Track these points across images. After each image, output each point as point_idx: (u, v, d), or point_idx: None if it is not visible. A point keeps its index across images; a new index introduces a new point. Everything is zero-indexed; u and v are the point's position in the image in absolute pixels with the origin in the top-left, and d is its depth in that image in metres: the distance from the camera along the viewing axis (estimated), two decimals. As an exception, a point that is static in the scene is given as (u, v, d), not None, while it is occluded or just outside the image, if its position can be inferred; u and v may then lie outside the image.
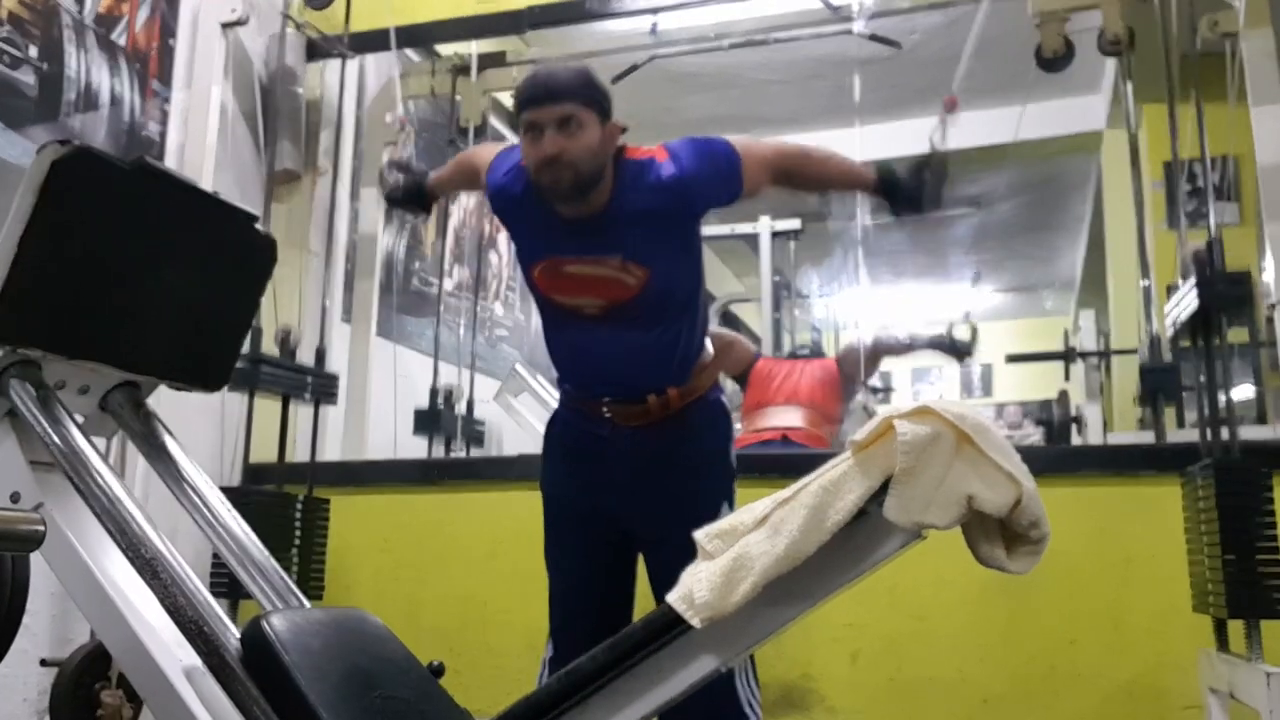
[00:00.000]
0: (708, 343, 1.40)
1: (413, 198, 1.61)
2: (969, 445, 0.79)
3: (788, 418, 2.57)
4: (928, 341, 2.82)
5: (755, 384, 2.69)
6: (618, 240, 1.26)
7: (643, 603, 1.36)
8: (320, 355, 2.21)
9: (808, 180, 1.43)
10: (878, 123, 3.40)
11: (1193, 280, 1.50)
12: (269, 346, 2.04)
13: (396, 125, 2.32)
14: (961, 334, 2.72)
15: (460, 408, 2.83)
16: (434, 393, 2.69)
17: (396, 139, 2.11)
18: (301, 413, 2.28)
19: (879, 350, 2.83)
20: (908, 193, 1.43)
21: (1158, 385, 1.98)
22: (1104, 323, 3.69)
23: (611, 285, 1.28)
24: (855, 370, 2.73)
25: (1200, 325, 1.53)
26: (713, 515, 1.14)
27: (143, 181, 1.04)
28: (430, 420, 2.67)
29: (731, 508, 1.33)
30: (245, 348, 2.05)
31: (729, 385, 2.82)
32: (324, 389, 2.13)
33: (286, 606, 1.02)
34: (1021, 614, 1.75)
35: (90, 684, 1.62)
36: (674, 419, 1.32)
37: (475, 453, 2.98)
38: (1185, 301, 1.54)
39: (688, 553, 0.86)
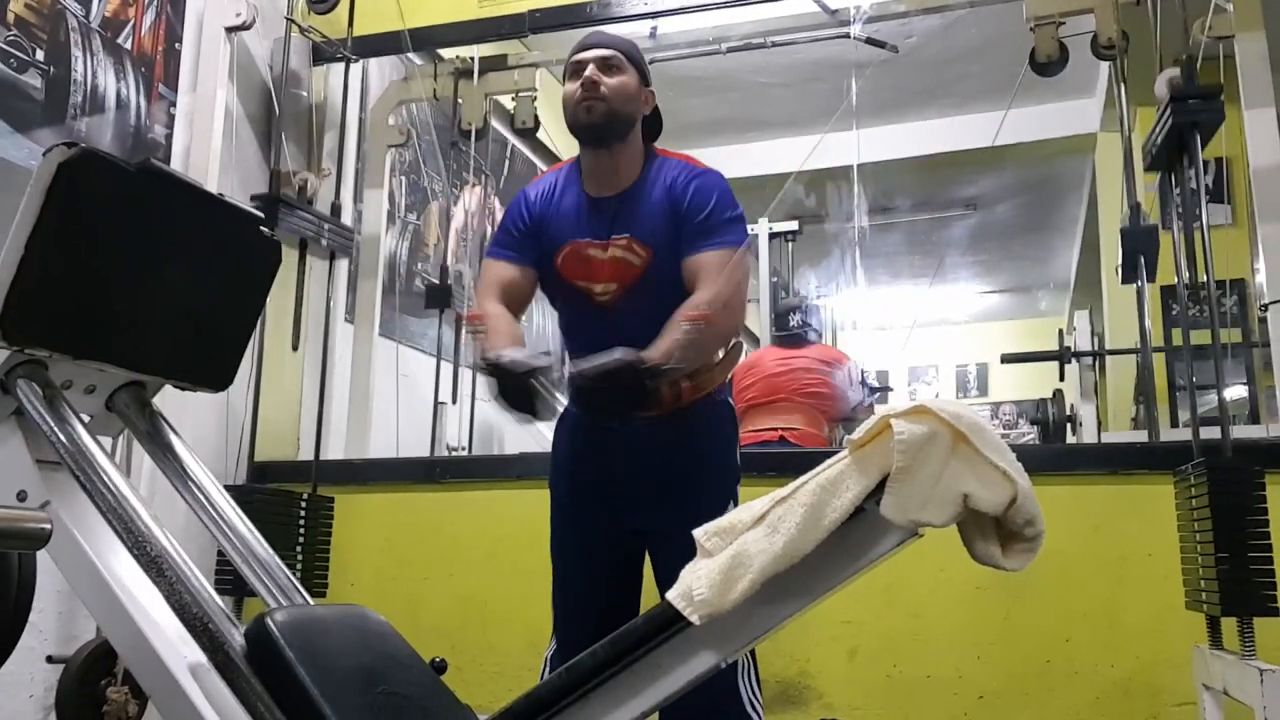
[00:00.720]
0: None
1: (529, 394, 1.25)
2: (965, 444, 0.80)
3: (785, 419, 2.56)
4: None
5: (748, 379, 2.64)
6: (631, 220, 1.34)
7: (649, 601, 1.37)
8: (336, 209, 2.26)
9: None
10: (875, 126, 3.42)
11: (1167, 99, 1.51)
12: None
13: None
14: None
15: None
16: (443, 270, 2.75)
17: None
18: (306, 410, 2.29)
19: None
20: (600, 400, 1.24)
21: (1138, 247, 1.95)
22: (1098, 323, 3.70)
23: (620, 266, 1.33)
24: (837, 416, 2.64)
25: (1175, 150, 1.54)
26: (720, 512, 1.15)
27: (148, 183, 1.05)
28: (441, 295, 2.68)
29: (736, 506, 1.34)
30: (263, 187, 2.11)
31: None
32: (340, 238, 2.19)
33: (291, 604, 1.03)
34: (1017, 611, 1.76)
35: (96, 681, 1.63)
36: (684, 416, 1.33)
37: (477, 444, 2.98)
38: (1160, 127, 1.54)
39: (693, 550, 0.88)
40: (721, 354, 1.39)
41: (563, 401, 1.38)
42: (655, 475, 1.33)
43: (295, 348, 2.26)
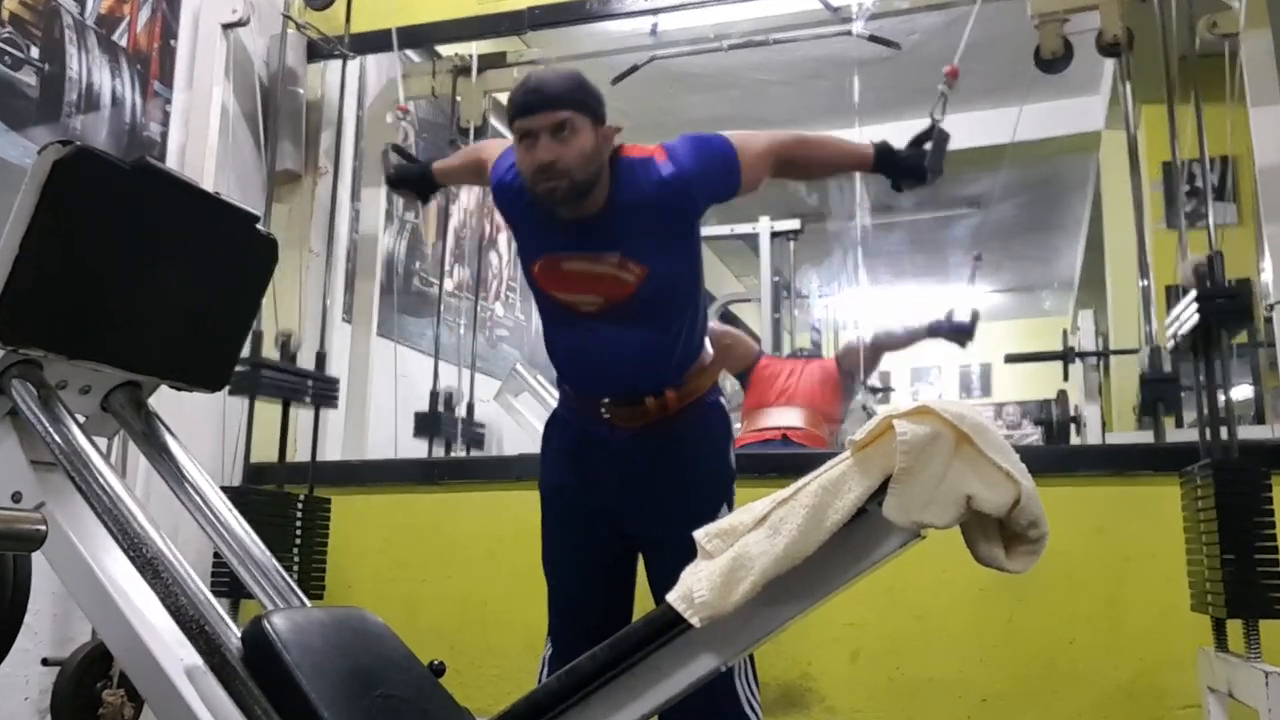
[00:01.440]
0: (707, 344, 1.40)
1: (415, 181, 1.63)
2: (968, 445, 0.79)
3: (787, 417, 2.57)
4: (927, 329, 2.78)
5: (757, 383, 2.69)
6: (616, 238, 1.27)
7: (642, 603, 1.37)
8: (320, 359, 2.21)
9: (807, 166, 1.45)
10: (877, 123, 3.41)
11: (1193, 295, 1.50)
12: (269, 351, 2.05)
13: (398, 114, 2.32)
14: (960, 317, 2.66)
15: (460, 410, 2.83)
16: (434, 396, 2.69)
17: (400, 127, 2.09)
18: (302, 413, 2.28)
19: (879, 346, 2.81)
20: (907, 164, 1.45)
21: (1158, 396, 1.98)
22: (1103, 323, 3.69)
23: (609, 282, 1.28)
24: (855, 367, 2.72)
25: (1200, 339, 1.53)
26: (711, 516, 1.14)
27: (144, 182, 1.04)
28: (430, 423, 2.67)
29: (731, 509, 1.33)
30: (246, 351, 2.08)
31: (729, 384, 2.82)
32: (324, 393, 2.13)
33: (287, 606, 1.02)
34: (1020, 613, 1.75)
35: (92, 683, 1.62)
36: (672, 421, 1.32)
37: (475, 454, 2.98)
38: (1186, 315, 1.54)
39: (687, 553, 0.87)
40: (711, 358, 1.38)
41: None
42: (646, 480, 1.32)
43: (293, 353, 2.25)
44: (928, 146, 1.46)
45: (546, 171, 1.22)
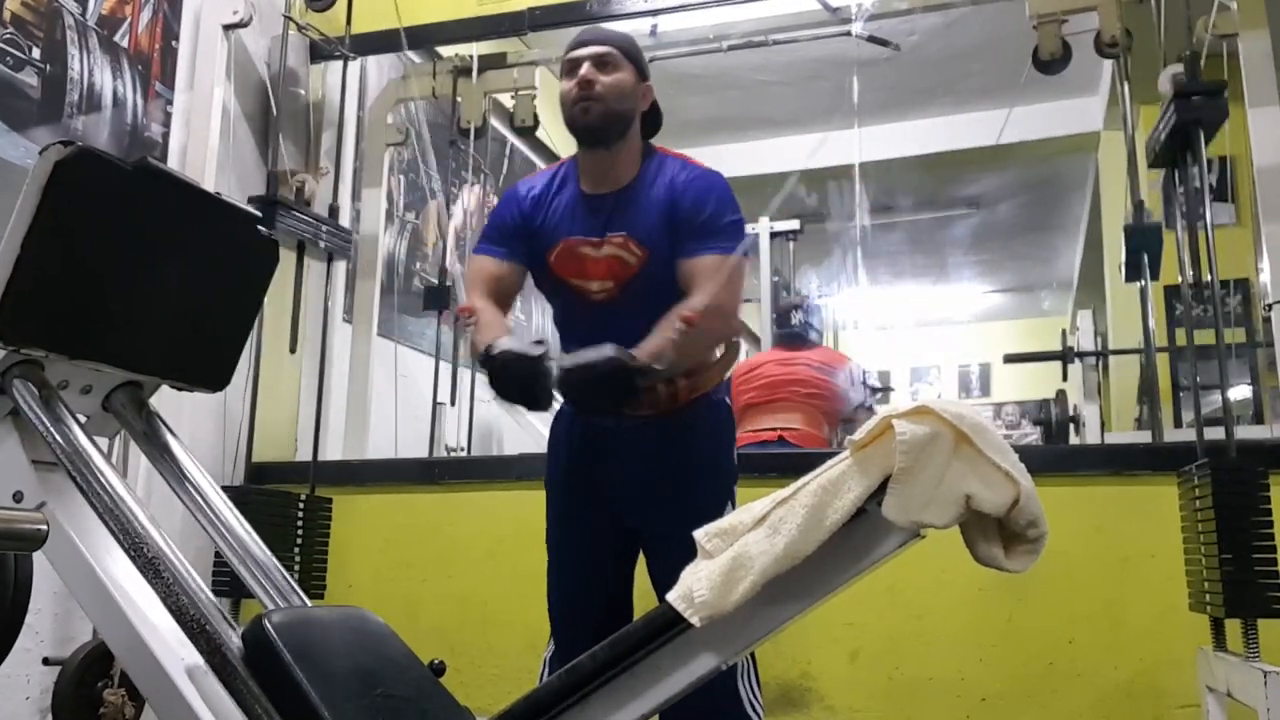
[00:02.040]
0: None
1: (534, 384, 1.21)
2: (967, 445, 0.79)
3: (785, 420, 2.55)
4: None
5: (742, 382, 2.62)
6: (627, 218, 1.32)
7: (643, 601, 1.37)
8: (334, 211, 2.26)
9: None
10: (877, 124, 3.41)
11: (1171, 96, 1.50)
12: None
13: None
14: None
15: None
16: (442, 270, 2.77)
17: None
18: (304, 411, 2.29)
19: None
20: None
21: (1143, 245, 1.94)
22: (1101, 323, 3.69)
23: (615, 265, 1.32)
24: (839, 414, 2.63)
25: (1179, 147, 1.53)
26: (716, 513, 1.14)
27: (145, 182, 1.05)
28: (440, 296, 2.69)
29: (734, 508, 1.33)
30: (260, 187, 2.12)
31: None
32: (338, 240, 2.19)
33: (288, 605, 1.02)
34: (1020, 613, 1.75)
35: (93, 683, 1.63)
36: (679, 416, 1.33)
37: (476, 445, 2.98)
38: (1164, 123, 1.54)
39: (689, 551, 0.87)
40: (719, 354, 1.39)
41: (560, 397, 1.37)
42: (651, 475, 1.33)
43: (293, 350, 2.26)
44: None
45: (585, 89, 1.30)
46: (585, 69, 1.31)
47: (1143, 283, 1.93)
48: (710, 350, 1.34)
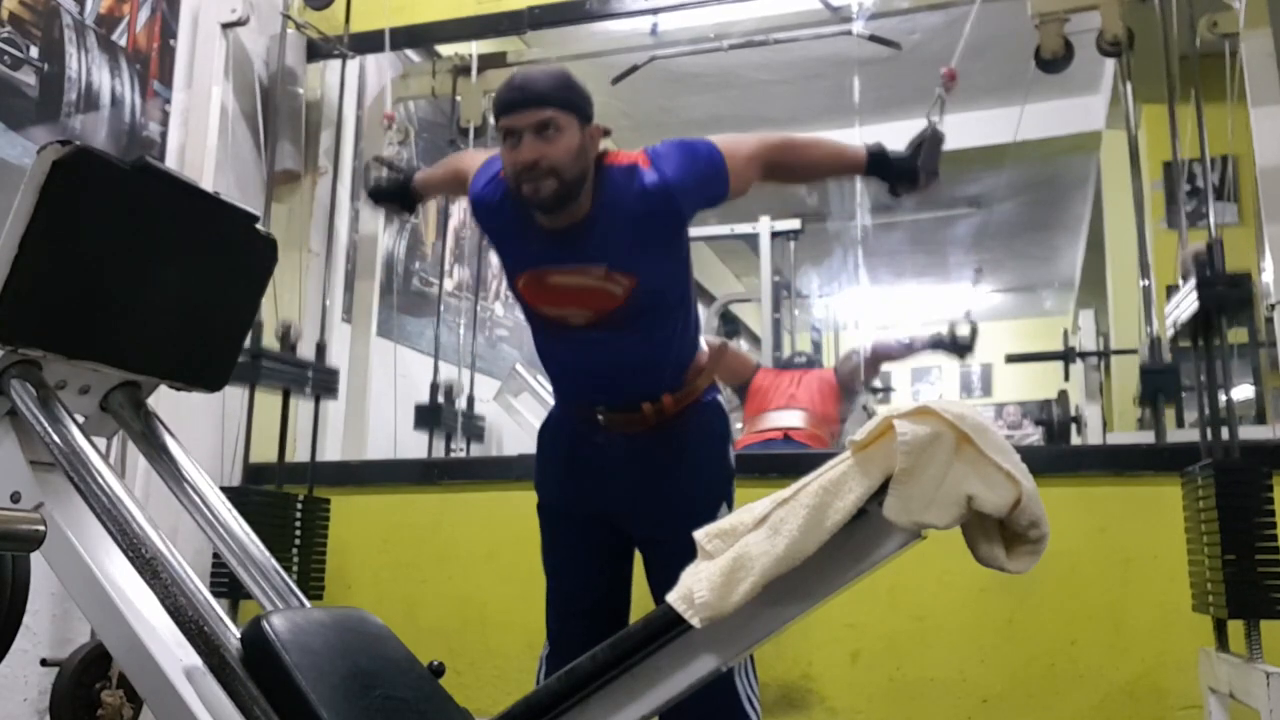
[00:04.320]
0: (702, 342, 1.39)
1: (397, 195, 1.59)
2: (969, 445, 0.79)
3: (789, 419, 2.58)
4: (927, 341, 2.82)
5: (756, 393, 2.71)
6: (601, 249, 1.23)
7: (640, 603, 1.36)
8: (320, 350, 2.21)
9: (796, 170, 1.39)
10: (877, 123, 3.40)
11: (1193, 282, 1.50)
12: (270, 342, 2.05)
13: (385, 123, 2.32)
14: (962, 331, 2.72)
15: (461, 403, 2.83)
16: (434, 388, 2.69)
17: (386, 137, 2.11)
18: (302, 412, 2.28)
19: (878, 355, 2.83)
20: (901, 167, 1.41)
21: (1158, 386, 1.98)
22: (1103, 323, 3.69)
23: (597, 295, 1.25)
24: (852, 378, 2.74)
25: (1200, 327, 1.53)
26: (711, 516, 1.13)
27: (143, 182, 1.04)
28: (430, 416, 2.66)
29: (730, 508, 1.33)
30: (246, 342, 2.08)
31: (729, 396, 2.83)
32: (324, 383, 2.14)
33: (287, 606, 1.02)
34: (1021, 614, 1.75)
35: (91, 684, 1.62)
36: (670, 423, 1.31)
37: (475, 449, 2.98)
38: (1185, 303, 1.54)
39: (686, 553, 0.86)
40: (705, 356, 1.37)
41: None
42: (643, 479, 1.32)
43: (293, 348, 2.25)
44: (921, 149, 1.42)
45: (530, 170, 1.18)
46: (526, 146, 1.18)
47: (1145, 283, 1.92)
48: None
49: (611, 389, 1.30)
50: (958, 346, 2.73)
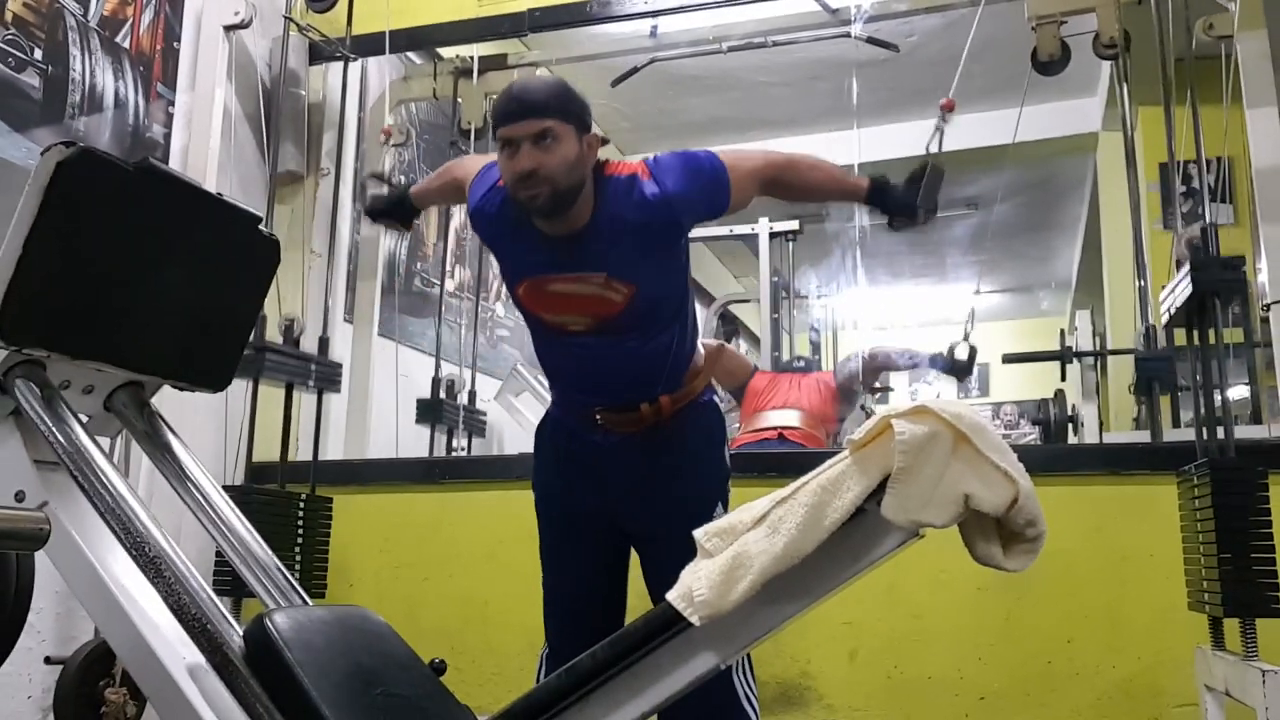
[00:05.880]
0: (699, 345, 1.40)
1: (394, 211, 1.57)
2: (966, 444, 0.80)
3: (785, 418, 2.59)
4: (927, 361, 2.82)
5: (752, 395, 2.72)
6: (600, 257, 1.25)
7: (635, 602, 1.37)
8: (324, 344, 2.22)
9: (796, 190, 1.39)
10: (876, 125, 3.42)
11: (1188, 266, 1.50)
12: (274, 338, 2.06)
13: (381, 139, 2.32)
14: (960, 355, 2.72)
15: (462, 398, 2.83)
16: (435, 383, 2.70)
17: (382, 151, 2.11)
18: (304, 411, 2.29)
19: (879, 363, 2.83)
20: (900, 201, 1.40)
21: (1153, 374, 1.96)
22: (1100, 323, 3.69)
23: (596, 303, 1.26)
24: (851, 381, 2.74)
25: (1195, 312, 1.53)
26: (707, 516, 1.14)
27: (147, 183, 1.05)
28: (432, 410, 2.66)
29: (725, 508, 1.33)
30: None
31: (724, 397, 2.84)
32: (327, 377, 2.15)
33: (289, 604, 1.02)
34: (1019, 612, 1.75)
35: (94, 682, 1.63)
36: (667, 424, 1.32)
37: (477, 444, 2.99)
38: (1180, 288, 1.54)
39: (683, 551, 0.87)
40: (703, 358, 1.38)
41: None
42: (641, 479, 1.32)
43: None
44: (921, 182, 1.40)
45: (528, 179, 1.20)
46: (524, 155, 1.19)
47: (1141, 283, 1.93)
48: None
49: (610, 391, 1.31)
50: (956, 370, 2.74)
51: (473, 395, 2.88)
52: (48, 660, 1.72)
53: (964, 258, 5.59)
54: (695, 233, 1.39)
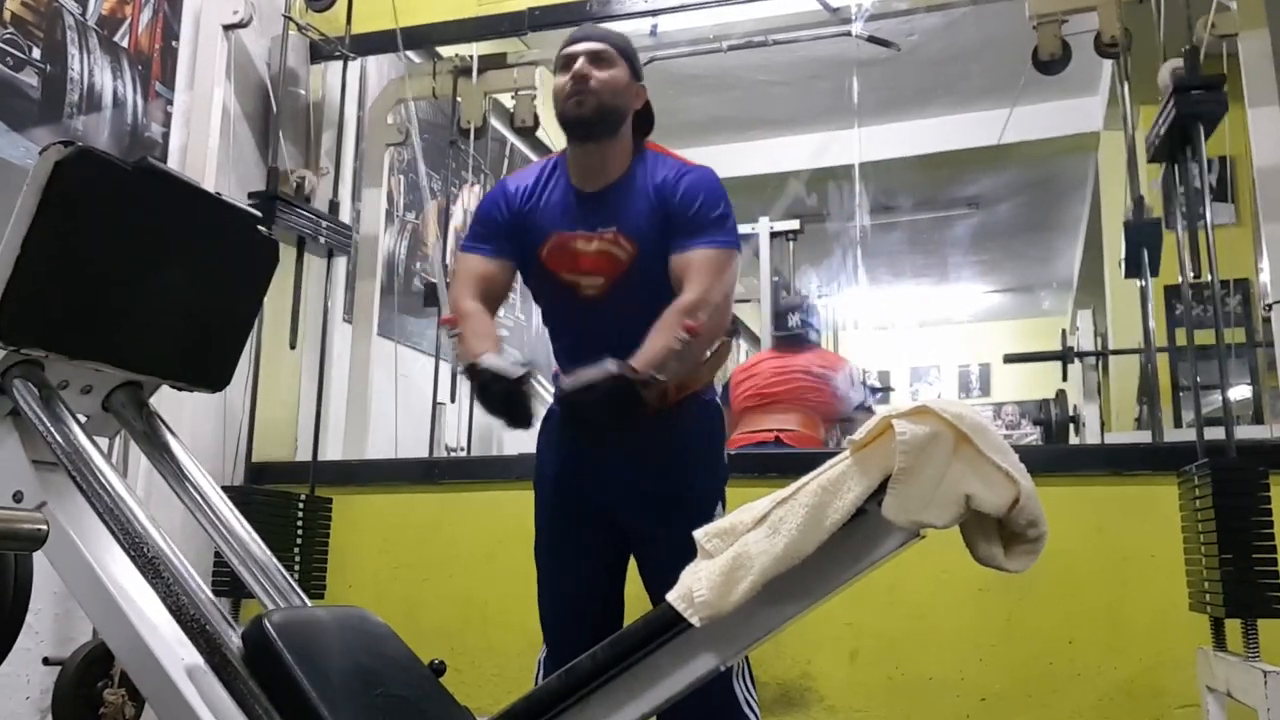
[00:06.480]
0: None
1: (515, 406, 1.25)
2: (967, 445, 0.79)
3: (782, 421, 2.55)
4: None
5: (739, 384, 2.64)
6: (617, 213, 1.32)
7: (632, 603, 1.37)
8: (334, 207, 2.27)
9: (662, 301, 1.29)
10: (876, 124, 3.41)
11: (1170, 92, 1.50)
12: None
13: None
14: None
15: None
16: (444, 268, 2.78)
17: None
18: (303, 411, 2.29)
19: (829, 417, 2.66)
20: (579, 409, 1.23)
21: (1141, 240, 1.94)
22: (1101, 323, 3.70)
23: (606, 261, 1.32)
24: (845, 414, 2.61)
25: (1178, 140, 1.53)
26: (707, 515, 1.13)
27: (145, 183, 1.05)
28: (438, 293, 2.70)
29: (724, 508, 1.34)
30: (260, 186, 2.12)
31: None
32: (338, 238, 2.20)
33: (288, 605, 1.02)
34: (1020, 613, 1.75)
35: (93, 683, 1.63)
36: (670, 414, 1.32)
37: (476, 444, 2.98)
38: (1163, 117, 1.54)
39: (681, 550, 0.87)
40: (709, 354, 1.38)
41: (545, 404, 1.40)
42: (640, 476, 1.32)
43: (293, 347, 2.26)
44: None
45: (579, 84, 1.31)
46: (580, 64, 1.32)
47: (1143, 283, 1.93)
48: (705, 351, 1.33)
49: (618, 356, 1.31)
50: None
51: (472, 401, 2.88)
52: (46, 661, 1.72)
53: (965, 257, 5.59)
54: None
